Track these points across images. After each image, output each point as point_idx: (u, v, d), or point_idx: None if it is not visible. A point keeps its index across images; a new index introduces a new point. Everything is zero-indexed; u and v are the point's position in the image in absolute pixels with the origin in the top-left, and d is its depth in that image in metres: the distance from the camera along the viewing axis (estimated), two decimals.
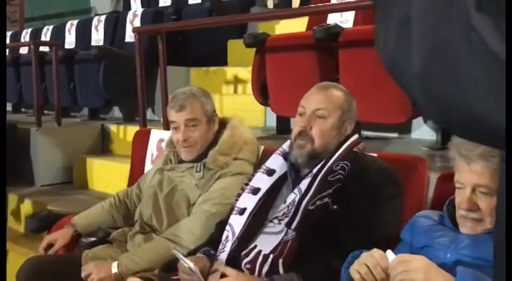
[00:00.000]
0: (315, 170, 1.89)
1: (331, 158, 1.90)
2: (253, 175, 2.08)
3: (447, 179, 1.88)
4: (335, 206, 1.79)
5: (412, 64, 0.58)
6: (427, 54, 0.57)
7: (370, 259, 1.44)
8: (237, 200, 2.02)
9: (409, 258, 1.38)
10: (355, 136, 1.98)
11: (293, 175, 1.97)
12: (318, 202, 1.81)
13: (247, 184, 2.04)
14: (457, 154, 1.54)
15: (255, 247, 1.82)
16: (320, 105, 1.93)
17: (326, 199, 1.80)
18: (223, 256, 1.89)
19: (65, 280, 2.23)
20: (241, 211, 1.96)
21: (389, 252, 1.44)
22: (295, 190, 1.88)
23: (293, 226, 1.79)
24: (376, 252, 1.46)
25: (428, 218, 1.68)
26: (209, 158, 2.27)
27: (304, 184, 1.87)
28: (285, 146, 2.05)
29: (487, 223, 1.51)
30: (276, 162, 2.04)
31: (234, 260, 1.83)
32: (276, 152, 2.07)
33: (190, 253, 1.97)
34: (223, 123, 2.37)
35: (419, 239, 1.63)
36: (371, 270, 1.43)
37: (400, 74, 0.61)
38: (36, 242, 2.51)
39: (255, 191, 1.98)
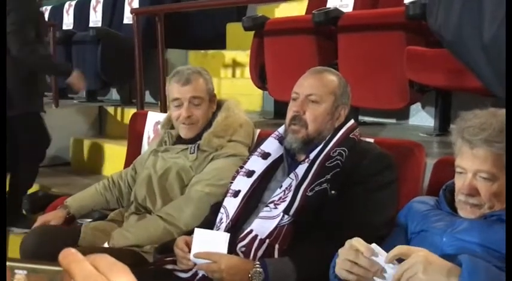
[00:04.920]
0: (312, 156, 1.88)
1: (328, 144, 1.89)
2: (248, 158, 2.07)
3: (444, 165, 1.87)
4: (333, 192, 1.79)
5: (481, 35, 0.58)
6: (500, 24, 0.56)
7: (348, 252, 1.39)
8: (231, 182, 2.02)
9: (408, 252, 1.31)
10: (351, 122, 1.97)
11: (289, 159, 1.96)
12: (317, 188, 1.80)
13: (242, 167, 2.04)
14: (460, 139, 1.52)
15: (251, 231, 1.81)
16: (313, 91, 1.92)
17: (324, 185, 1.80)
18: None
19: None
20: (236, 194, 1.96)
21: (374, 246, 1.38)
22: (292, 175, 1.87)
23: (291, 212, 1.79)
24: (350, 242, 1.40)
25: (425, 204, 1.67)
26: (203, 140, 2.26)
27: (301, 170, 1.86)
28: (281, 130, 2.04)
29: (485, 208, 1.50)
30: (271, 145, 2.03)
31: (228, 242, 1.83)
32: (272, 135, 2.07)
33: (185, 234, 1.97)
34: (218, 106, 2.37)
35: (415, 224, 1.63)
36: (354, 261, 1.37)
37: (465, 47, 0.61)
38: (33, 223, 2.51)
39: (250, 173, 1.98)
